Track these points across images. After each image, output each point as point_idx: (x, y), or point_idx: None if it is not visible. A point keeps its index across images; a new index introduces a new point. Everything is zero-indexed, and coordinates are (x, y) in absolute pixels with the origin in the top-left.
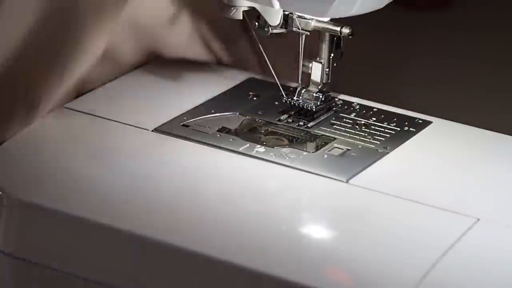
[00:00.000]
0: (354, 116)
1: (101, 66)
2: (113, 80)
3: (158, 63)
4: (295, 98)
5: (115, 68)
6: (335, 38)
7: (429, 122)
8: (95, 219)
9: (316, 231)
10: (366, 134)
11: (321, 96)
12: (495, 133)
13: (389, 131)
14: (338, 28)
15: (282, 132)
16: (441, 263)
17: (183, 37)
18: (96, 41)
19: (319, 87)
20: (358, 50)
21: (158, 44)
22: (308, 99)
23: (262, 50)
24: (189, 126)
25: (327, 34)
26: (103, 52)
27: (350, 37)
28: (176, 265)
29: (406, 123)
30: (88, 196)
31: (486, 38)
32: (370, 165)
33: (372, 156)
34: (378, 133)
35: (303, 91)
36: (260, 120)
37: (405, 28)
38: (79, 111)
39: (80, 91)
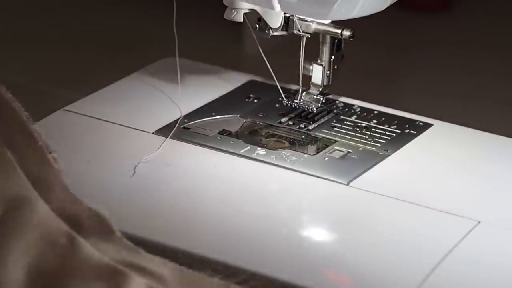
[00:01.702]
0: (355, 118)
1: None
2: (113, 82)
3: (158, 65)
4: (296, 100)
5: None
6: (336, 41)
7: (430, 125)
8: None
9: (317, 234)
10: (367, 137)
11: (322, 99)
12: (496, 135)
13: (390, 133)
14: (339, 31)
15: (283, 134)
16: (442, 266)
17: None
18: None
19: (320, 89)
20: (359, 53)
21: None
22: (308, 101)
23: (262, 53)
24: (190, 128)
25: (328, 37)
26: None
27: (351, 39)
28: None
29: (407, 126)
30: (88, 198)
31: (486, 40)
32: (371, 167)
33: (373, 159)
34: (379, 135)
35: (304, 94)
36: (260, 123)
37: (406, 30)
38: (79, 113)
39: None
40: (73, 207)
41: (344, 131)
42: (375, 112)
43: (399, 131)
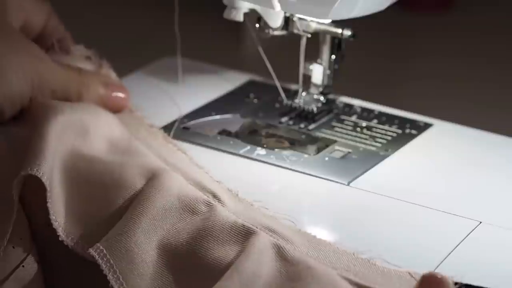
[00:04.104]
0: (355, 118)
1: None
2: None
3: (158, 65)
4: (296, 100)
5: None
6: (336, 40)
7: (430, 125)
8: None
9: (318, 234)
10: (368, 137)
11: (322, 98)
12: (496, 135)
13: (390, 133)
14: (339, 30)
15: (283, 134)
16: (443, 267)
17: None
18: None
19: (320, 89)
20: (359, 52)
21: None
22: (309, 101)
23: (262, 52)
24: (189, 128)
25: (328, 36)
26: None
27: (351, 39)
28: None
29: (408, 126)
30: None
31: (486, 41)
32: (371, 167)
33: (373, 159)
34: (380, 135)
35: (304, 94)
36: (260, 123)
37: (407, 30)
38: None
39: None
40: (210, 183)
41: (345, 131)
42: (376, 112)
43: (400, 131)
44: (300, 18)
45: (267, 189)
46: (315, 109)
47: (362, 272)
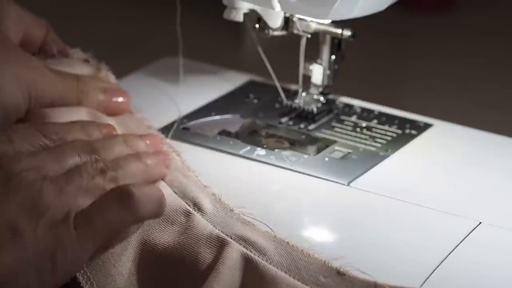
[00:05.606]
0: (355, 118)
1: None
2: None
3: (158, 65)
4: (295, 100)
5: None
6: (336, 41)
7: (430, 125)
8: None
9: (317, 235)
10: (367, 137)
11: (322, 99)
12: (496, 135)
13: (390, 133)
14: (339, 31)
15: (283, 134)
16: (443, 267)
17: None
18: None
19: (320, 89)
20: (360, 52)
21: None
22: (309, 101)
23: (262, 53)
24: (189, 129)
25: (328, 37)
26: None
27: (351, 39)
28: None
29: (408, 126)
30: None
31: (486, 41)
32: (371, 168)
33: (373, 159)
34: (379, 135)
35: (303, 94)
36: (260, 123)
37: (407, 30)
38: None
39: None
40: (194, 189)
41: (345, 131)
42: (375, 112)
43: (400, 131)
44: (300, 18)
45: (267, 189)
46: (315, 109)
47: (330, 285)
